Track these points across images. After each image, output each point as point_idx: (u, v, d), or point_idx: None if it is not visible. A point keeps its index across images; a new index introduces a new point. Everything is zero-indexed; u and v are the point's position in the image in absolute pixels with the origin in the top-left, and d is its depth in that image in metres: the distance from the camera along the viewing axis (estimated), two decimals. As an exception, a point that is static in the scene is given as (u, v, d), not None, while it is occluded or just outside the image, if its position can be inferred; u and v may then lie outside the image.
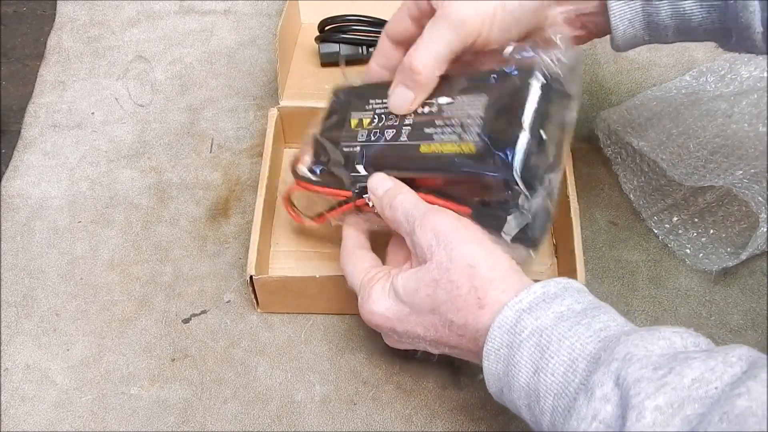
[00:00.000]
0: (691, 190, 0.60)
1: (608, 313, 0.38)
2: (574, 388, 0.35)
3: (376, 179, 0.46)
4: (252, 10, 0.76)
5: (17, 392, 0.52)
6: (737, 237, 0.59)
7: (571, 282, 0.40)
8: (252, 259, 0.52)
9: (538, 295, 0.39)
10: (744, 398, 0.30)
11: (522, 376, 0.38)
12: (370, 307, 0.44)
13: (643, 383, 0.32)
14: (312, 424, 0.51)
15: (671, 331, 0.35)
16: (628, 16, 0.42)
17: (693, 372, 0.32)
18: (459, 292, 0.40)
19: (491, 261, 0.41)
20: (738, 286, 0.57)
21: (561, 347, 0.37)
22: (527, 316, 0.38)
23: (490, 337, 0.39)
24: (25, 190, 0.63)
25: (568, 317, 0.38)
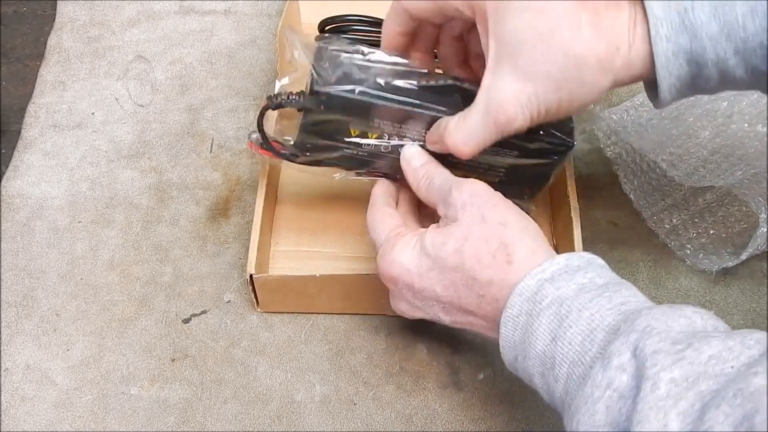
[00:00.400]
0: (691, 190, 0.60)
1: (630, 289, 0.39)
2: (590, 356, 0.36)
3: (412, 151, 0.47)
4: (252, 10, 0.76)
5: (17, 392, 0.52)
6: (737, 237, 0.59)
7: (594, 257, 0.41)
8: (252, 259, 0.52)
9: (561, 266, 0.39)
10: (760, 377, 0.30)
11: (539, 343, 0.38)
12: (393, 257, 0.44)
13: (660, 355, 0.32)
14: (312, 424, 0.51)
15: (692, 311, 0.35)
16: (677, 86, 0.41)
17: (711, 349, 0.32)
18: (488, 248, 0.41)
19: (522, 223, 0.42)
20: (738, 286, 0.57)
21: (580, 317, 0.37)
22: (549, 285, 0.39)
23: (510, 304, 0.39)
24: (25, 190, 0.63)
25: (589, 289, 0.38)
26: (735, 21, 0.38)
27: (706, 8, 0.38)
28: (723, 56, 0.39)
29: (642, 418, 0.31)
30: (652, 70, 0.40)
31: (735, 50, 0.38)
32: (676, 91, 0.41)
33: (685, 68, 0.40)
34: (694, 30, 0.38)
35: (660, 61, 0.39)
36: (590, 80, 0.40)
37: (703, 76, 0.40)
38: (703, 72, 0.40)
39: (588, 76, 0.40)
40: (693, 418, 0.30)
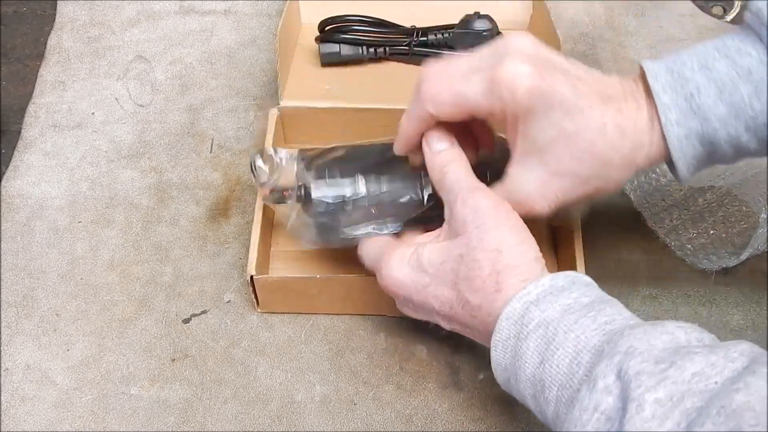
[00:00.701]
0: (691, 190, 0.60)
1: (615, 307, 0.39)
2: (578, 379, 0.36)
3: (434, 134, 0.46)
4: (252, 10, 0.76)
5: (17, 392, 0.52)
6: (737, 237, 0.59)
7: (579, 276, 0.41)
8: (252, 259, 0.52)
9: (546, 287, 0.40)
10: (742, 393, 0.30)
11: (528, 366, 0.38)
12: (389, 272, 0.45)
13: (643, 376, 0.32)
14: (312, 424, 0.51)
15: (675, 326, 0.35)
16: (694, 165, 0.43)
17: (694, 366, 0.32)
18: (480, 273, 0.41)
19: (519, 250, 0.41)
20: (738, 287, 0.57)
21: (566, 339, 0.37)
22: (534, 308, 0.39)
23: (498, 328, 0.40)
24: (25, 190, 0.63)
25: (574, 310, 0.38)
26: (741, 101, 0.40)
27: (712, 92, 0.40)
28: (735, 134, 0.41)
29: None
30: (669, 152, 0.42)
31: (746, 128, 0.40)
32: (694, 168, 0.43)
33: (699, 148, 0.42)
34: (703, 113, 0.40)
35: (673, 144, 0.41)
36: (615, 177, 0.43)
37: (718, 153, 0.42)
38: (717, 150, 0.42)
39: (613, 174, 0.42)
40: None
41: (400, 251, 0.45)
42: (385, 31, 0.67)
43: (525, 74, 0.40)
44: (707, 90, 0.40)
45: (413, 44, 0.67)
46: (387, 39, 0.66)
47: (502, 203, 0.43)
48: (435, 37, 0.67)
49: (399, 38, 0.67)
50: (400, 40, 0.67)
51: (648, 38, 0.74)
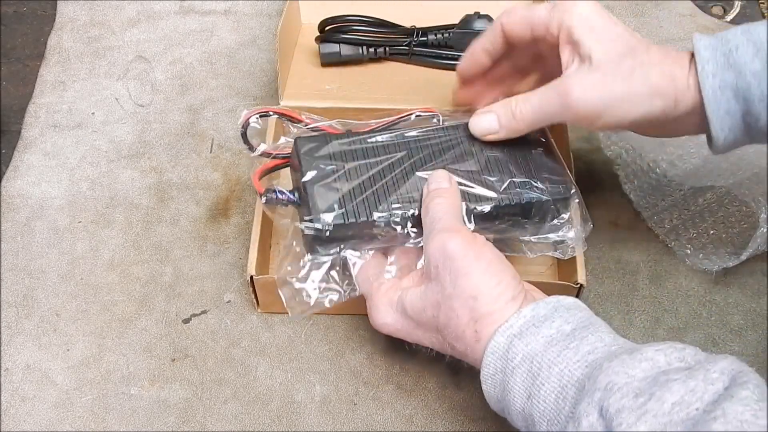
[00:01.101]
0: (691, 190, 0.60)
1: (597, 332, 0.39)
2: (564, 415, 0.37)
3: (438, 174, 0.47)
4: (252, 10, 0.76)
5: (17, 392, 0.52)
6: (737, 237, 0.59)
7: (561, 300, 0.41)
8: (252, 259, 0.52)
9: (527, 319, 0.40)
10: (719, 422, 0.30)
11: (517, 401, 0.39)
12: (380, 318, 0.45)
13: (624, 413, 0.33)
14: (312, 424, 0.51)
15: (654, 350, 0.36)
16: (728, 124, 0.44)
17: (673, 396, 0.32)
18: (459, 322, 0.42)
19: (495, 293, 0.41)
20: (738, 286, 0.57)
21: (551, 374, 0.38)
22: (518, 341, 0.39)
23: (485, 363, 0.40)
24: (25, 190, 0.63)
25: (557, 341, 0.39)
26: None
27: (750, 50, 0.42)
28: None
29: None
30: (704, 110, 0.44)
31: None
32: (728, 129, 0.44)
33: (733, 103, 0.43)
34: (739, 68, 0.42)
35: (707, 94, 0.43)
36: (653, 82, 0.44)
37: (752, 114, 0.43)
38: (751, 109, 0.43)
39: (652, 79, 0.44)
40: None
41: (387, 297, 0.45)
42: (385, 31, 0.67)
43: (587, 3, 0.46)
44: (745, 48, 0.42)
45: (413, 44, 0.67)
46: (387, 39, 0.66)
47: (473, 244, 0.42)
48: (435, 37, 0.67)
49: (399, 38, 0.67)
50: (400, 40, 0.67)
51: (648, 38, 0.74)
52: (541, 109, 0.46)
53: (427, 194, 0.46)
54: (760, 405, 0.31)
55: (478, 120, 0.49)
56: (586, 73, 0.45)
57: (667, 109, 0.44)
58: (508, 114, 0.47)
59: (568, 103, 0.45)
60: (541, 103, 0.46)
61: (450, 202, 0.45)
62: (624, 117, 0.45)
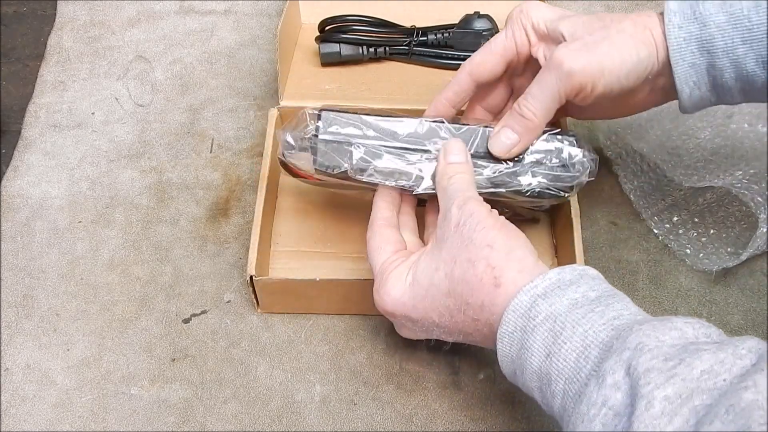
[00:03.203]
0: (691, 190, 0.60)
1: (622, 301, 0.39)
2: (585, 373, 0.36)
3: (453, 144, 0.47)
4: (252, 10, 0.76)
5: (17, 392, 0.52)
6: (737, 237, 0.59)
7: (587, 269, 0.41)
8: (252, 259, 0.52)
9: (553, 281, 0.40)
10: (750, 391, 0.30)
11: (534, 360, 0.38)
12: (387, 291, 0.45)
13: (653, 373, 0.33)
14: (312, 424, 0.51)
15: (683, 322, 0.36)
16: (693, 78, 0.45)
17: (703, 364, 0.32)
18: (475, 272, 0.41)
19: (509, 246, 0.42)
20: (738, 286, 0.57)
21: (574, 334, 0.37)
22: (542, 301, 0.39)
23: (505, 320, 0.40)
24: (25, 190, 0.63)
25: (582, 304, 0.38)
26: (740, 12, 0.43)
27: (716, 2, 0.43)
28: (731, 44, 0.43)
29: None
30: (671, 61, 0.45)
31: (742, 39, 0.43)
32: (694, 84, 0.45)
33: (698, 56, 0.44)
34: (704, 19, 0.43)
35: (672, 46, 0.44)
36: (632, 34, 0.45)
37: (716, 68, 0.44)
38: (715, 62, 0.44)
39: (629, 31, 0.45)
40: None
41: (398, 271, 0.45)
42: (385, 30, 0.67)
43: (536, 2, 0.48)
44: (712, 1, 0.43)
45: (413, 44, 0.67)
46: (387, 39, 0.66)
47: (492, 211, 0.44)
48: (435, 36, 0.67)
49: (399, 38, 0.67)
50: (400, 39, 0.67)
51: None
52: (545, 94, 0.46)
53: (445, 164, 0.47)
54: None
55: (495, 141, 0.48)
56: (568, 43, 0.46)
57: (651, 56, 0.45)
58: (518, 119, 0.47)
59: (565, 73, 0.45)
60: (542, 88, 0.46)
61: (469, 178, 0.46)
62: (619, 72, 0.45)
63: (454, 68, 0.68)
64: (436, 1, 0.70)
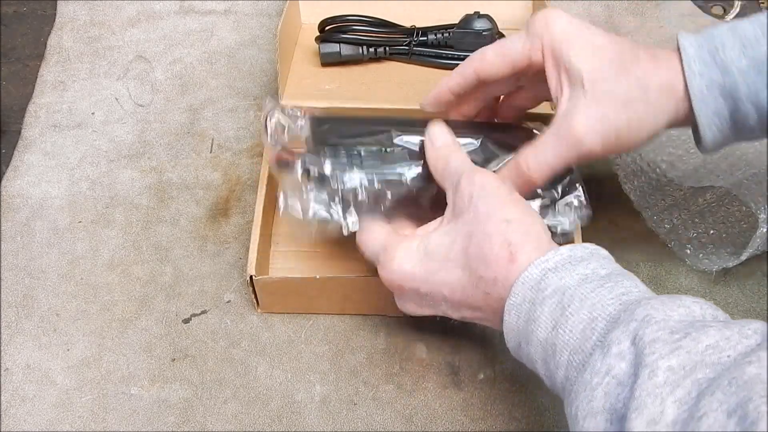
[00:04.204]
0: (691, 190, 0.60)
1: (632, 280, 0.39)
2: (591, 344, 0.36)
3: (436, 128, 0.48)
4: (252, 10, 0.76)
5: (17, 392, 0.52)
6: (737, 237, 0.59)
7: (599, 249, 0.41)
8: (252, 259, 0.52)
9: (564, 257, 0.40)
10: (754, 365, 0.30)
11: (541, 330, 0.39)
12: (396, 265, 0.44)
13: (658, 344, 0.33)
14: (312, 424, 0.51)
15: (692, 300, 0.36)
16: (717, 123, 0.44)
17: (708, 339, 0.32)
18: (491, 246, 0.41)
19: (527, 221, 0.42)
20: (738, 286, 0.57)
21: (582, 306, 0.37)
22: (552, 275, 0.39)
23: (514, 292, 0.40)
24: (25, 190, 0.63)
25: (592, 280, 0.38)
26: (762, 56, 0.42)
27: (736, 47, 0.42)
28: (755, 89, 0.42)
29: (639, 404, 0.31)
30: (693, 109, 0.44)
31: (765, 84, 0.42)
32: (717, 129, 0.44)
33: (721, 102, 0.43)
34: (725, 65, 0.42)
35: (695, 94, 0.43)
36: (654, 100, 0.44)
37: (741, 112, 0.43)
38: (740, 107, 0.43)
39: (652, 97, 0.44)
40: (689, 405, 0.30)
41: (406, 243, 0.45)
42: (385, 30, 0.67)
43: (557, 13, 0.46)
44: (732, 45, 0.42)
45: (413, 44, 0.67)
46: (387, 39, 0.66)
47: (505, 182, 0.44)
48: (435, 36, 0.67)
49: (399, 38, 0.67)
50: (400, 39, 0.67)
51: (648, 38, 0.74)
52: (556, 161, 0.45)
53: (435, 149, 0.47)
54: None
55: None
56: (587, 108, 0.44)
57: (671, 120, 0.45)
58: (522, 176, 0.46)
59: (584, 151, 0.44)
60: (554, 157, 0.45)
61: (463, 155, 0.47)
62: (635, 140, 0.45)
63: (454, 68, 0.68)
64: (436, 1, 0.70)
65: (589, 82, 0.44)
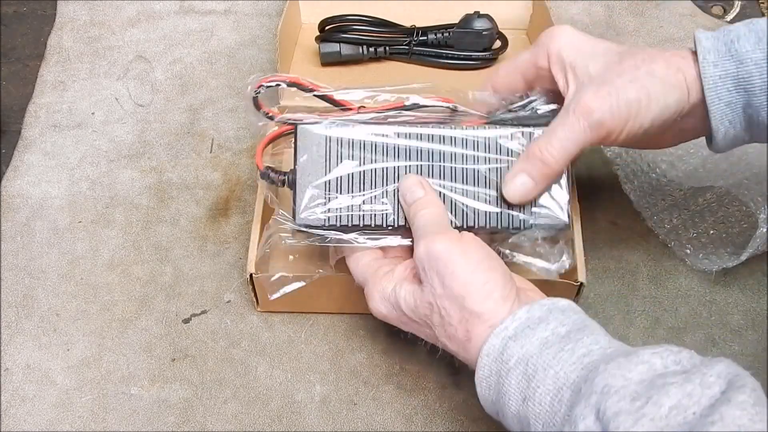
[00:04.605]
0: (691, 190, 0.60)
1: (592, 334, 0.39)
2: (560, 418, 0.36)
3: (407, 183, 0.47)
4: (252, 10, 0.76)
5: (17, 392, 0.52)
6: (737, 237, 0.59)
7: (556, 302, 0.41)
8: (252, 258, 0.52)
9: (522, 321, 0.40)
10: (717, 426, 0.30)
11: (512, 404, 0.39)
12: (374, 306, 0.46)
13: (621, 416, 0.33)
14: (312, 424, 0.51)
15: (650, 353, 0.35)
16: (729, 117, 0.44)
17: (670, 400, 0.32)
18: (450, 321, 0.42)
19: (483, 292, 0.41)
20: (738, 286, 0.57)
21: (546, 376, 0.38)
22: (513, 343, 0.39)
23: (480, 365, 0.40)
24: (25, 190, 0.63)
25: (552, 343, 0.38)
26: None
27: (752, 39, 0.42)
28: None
29: None
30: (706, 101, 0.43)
31: None
32: (729, 122, 0.44)
33: (734, 94, 0.43)
34: (740, 57, 0.42)
35: (708, 84, 0.43)
36: (662, 76, 0.44)
37: (753, 106, 0.43)
38: (752, 101, 0.43)
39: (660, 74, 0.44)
40: None
41: (381, 286, 0.46)
42: (385, 30, 0.67)
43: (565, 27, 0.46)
44: (747, 38, 0.42)
45: (413, 44, 0.67)
46: (387, 38, 0.66)
47: (459, 243, 0.42)
48: (435, 36, 0.67)
49: (399, 38, 0.67)
50: (400, 39, 0.67)
51: (648, 38, 0.74)
52: (570, 141, 0.44)
53: (408, 206, 0.47)
54: (757, 409, 0.31)
55: (510, 188, 0.46)
56: (596, 86, 0.44)
57: (681, 101, 0.44)
58: (537, 164, 0.45)
59: (595, 121, 0.43)
60: (567, 134, 0.44)
61: (432, 211, 0.46)
62: (645, 117, 0.44)
63: (454, 68, 0.68)
64: (436, 1, 0.70)
65: (597, 72, 0.45)
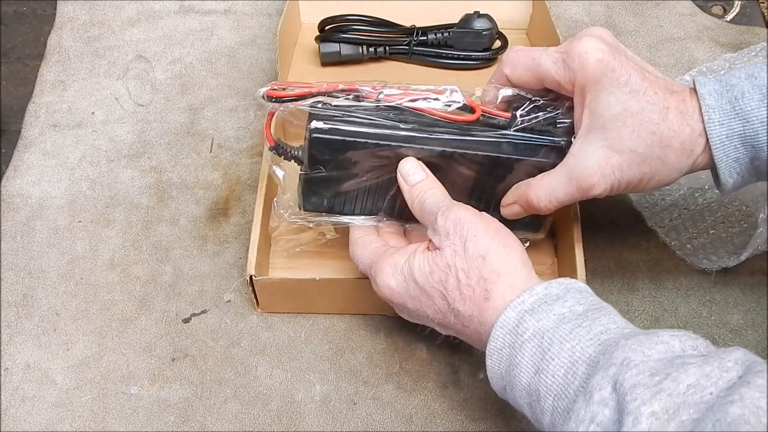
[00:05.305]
0: (691, 189, 0.60)
1: (609, 315, 0.39)
2: (573, 390, 0.36)
3: (407, 166, 0.47)
4: (252, 10, 0.76)
5: (17, 392, 0.52)
6: (737, 237, 0.59)
7: (573, 283, 0.41)
8: (252, 259, 0.52)
9: (540, 296, 0.40)
10: (737, 405, 0.30)
11: (523, 376, 0.39)
12: (383, 280, 0.45)
13: (639, 389, 0.33)
14: (312, 424, 0.51)
15: (669, 335, 0.36)
16: (737, 170, 0.44)
17: (689, 378, 0.32)
18: (468, 282, 0.41)
19: (503, 254, 0.42)
20: (738, 286, 0.57)
21: (562, 350, 0.37)
22: (529, 317, 0.39)
23: (493, 336, 0.40)
24: (25, 190, 0.63)
25: (569, 319, 0.38)
26: None
27: (755, 97, 0.42)
28: None
29: None
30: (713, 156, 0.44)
31: None
32: (737, 174, 0.44)
33: (741, 150, 0.43)
34: (745, 115, 0.42)
35: (714, 143, 0.43)
36: (672, 161, 0.44)
37: (761, 159, 0.43)
38: (759, 155, 0.43)
39: (671, 157, 0.43)
40: None
41: (393, 259, 0.45)
42: (385, 30, 0.67)
43: (597, 49, 0.43)
44: (751, 95, 0.42)
45: (413, 43, 0.67)
46: (387, 38, 0.66)
47: (480, 214, 0.44)
48: (435, 36, 0.67)
49: (399, 38, 0.67)
50: (400, 39, 0.67)
51: (648, 38, 0.74)
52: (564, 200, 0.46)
53: (409, 187, 0.47)
54: None
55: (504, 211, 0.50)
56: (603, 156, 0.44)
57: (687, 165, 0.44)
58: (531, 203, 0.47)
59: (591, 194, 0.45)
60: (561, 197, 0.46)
61: (439, 191, 0.46)
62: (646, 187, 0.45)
63: (454, 68, 0.68)
64: (436, 1, 0.70)
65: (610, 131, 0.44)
